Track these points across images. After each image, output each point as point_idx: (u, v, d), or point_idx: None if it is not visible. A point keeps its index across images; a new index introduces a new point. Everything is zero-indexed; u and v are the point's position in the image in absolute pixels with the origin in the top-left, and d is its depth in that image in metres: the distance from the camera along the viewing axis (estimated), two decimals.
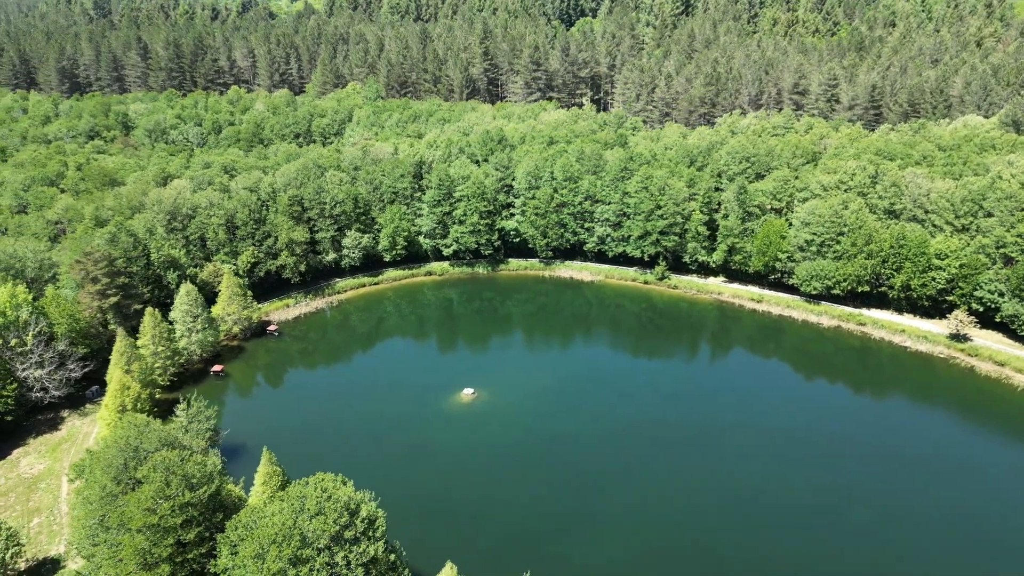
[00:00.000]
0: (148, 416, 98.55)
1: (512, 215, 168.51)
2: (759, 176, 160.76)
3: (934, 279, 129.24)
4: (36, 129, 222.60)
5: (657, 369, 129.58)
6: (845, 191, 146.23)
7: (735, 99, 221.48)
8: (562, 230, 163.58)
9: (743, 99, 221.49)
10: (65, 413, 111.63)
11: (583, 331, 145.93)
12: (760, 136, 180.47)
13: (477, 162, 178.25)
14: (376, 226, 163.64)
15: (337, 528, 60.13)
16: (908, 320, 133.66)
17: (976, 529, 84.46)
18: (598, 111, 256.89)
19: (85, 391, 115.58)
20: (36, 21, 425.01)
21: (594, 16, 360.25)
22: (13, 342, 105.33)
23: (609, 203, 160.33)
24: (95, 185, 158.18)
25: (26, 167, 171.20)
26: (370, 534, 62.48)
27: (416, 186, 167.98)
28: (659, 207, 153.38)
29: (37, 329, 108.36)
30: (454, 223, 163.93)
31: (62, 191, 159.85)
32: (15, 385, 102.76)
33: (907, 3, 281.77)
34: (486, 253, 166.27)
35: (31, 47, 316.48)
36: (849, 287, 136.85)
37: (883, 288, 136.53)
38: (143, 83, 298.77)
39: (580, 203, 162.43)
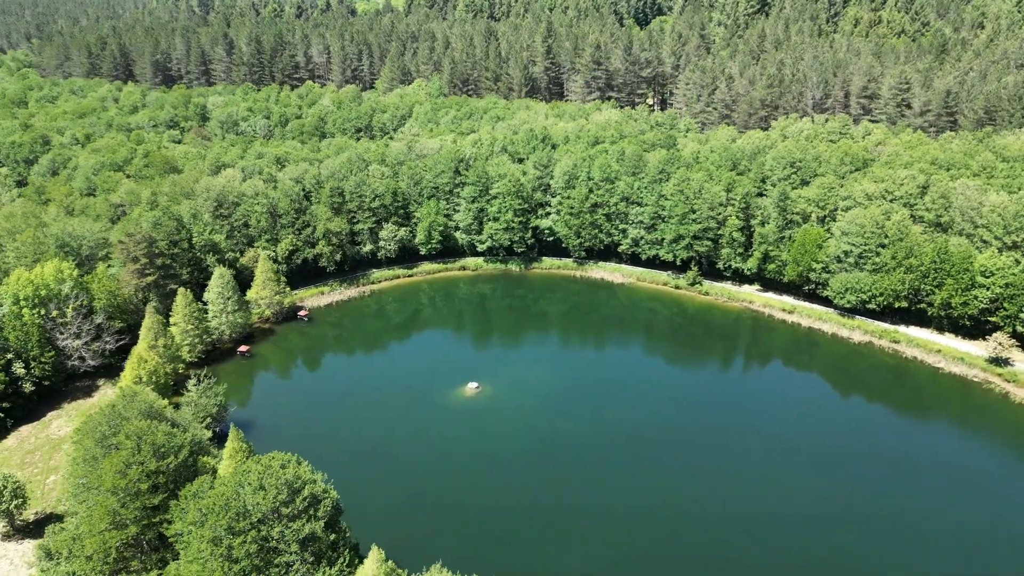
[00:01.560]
0: (166, 387, 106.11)
1: (548, 214, 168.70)
2: (804, 183, 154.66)
3: (976, 298, 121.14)
4: (122, 118, 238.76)
5: (673, 374, 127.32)
6: (891, 201, 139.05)
7: (798, 102, 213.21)
8: (596, 231, 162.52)
9: (807, 102, 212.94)
10: (100, 382, 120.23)
11: (604, 333, 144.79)
12: (811, 141, 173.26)
13: (521, 160, 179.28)
14: (414, 220, 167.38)
15: (276, 504, 62.89)
16: (946, 340, 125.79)
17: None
18: (663, 111, 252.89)
19: (121, 362, 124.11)
20: (144, 17, 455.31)
21: (670, 14, 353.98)
22: (54, 313, 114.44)
23: (645, 205, 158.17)
24: (157, 171, 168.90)
25: (101, 152, 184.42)
26: (311, 513, 64.95)
27: (456, 182, 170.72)
28: (693, 211, 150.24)
29: (78, 303, 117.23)
30: (489, 220, 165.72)
31: (128, 176, 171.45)
32: (52, 353, 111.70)
33: (1004, 3, 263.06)
34: (519, 251, 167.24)
35: (131, 41, 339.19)
36: (885, 302, 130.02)
37: (922, 305, 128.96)
38: (227, 77, 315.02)
39: (615, 204, 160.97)
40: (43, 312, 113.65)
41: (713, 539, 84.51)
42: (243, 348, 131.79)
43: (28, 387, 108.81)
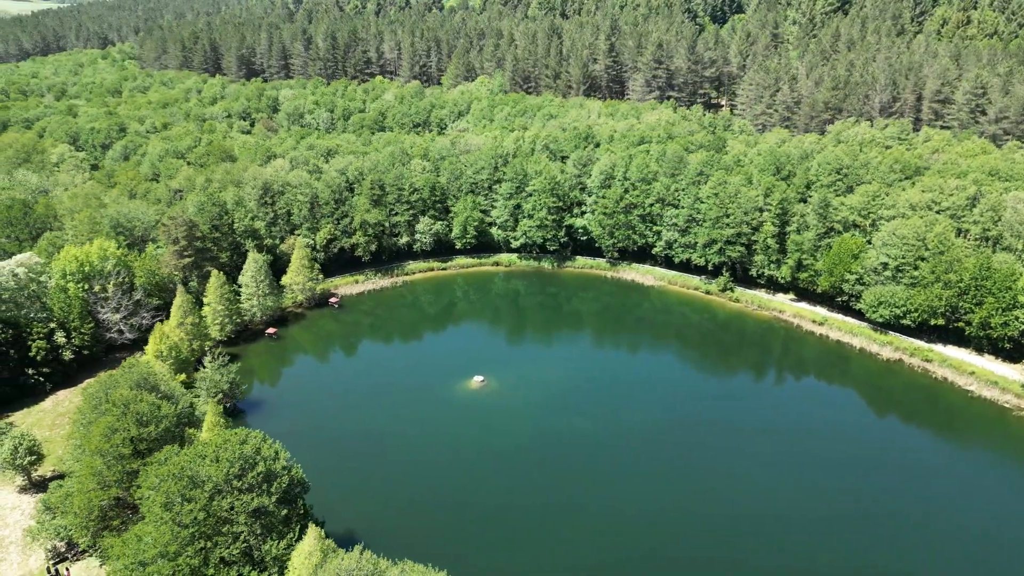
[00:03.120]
0: (187, 362, 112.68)
1: (583, 213, 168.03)
2: (849, 190, 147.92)
3: (1018, 318, 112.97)
4: (199, 109, 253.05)
5: (690, 379, 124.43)
6: (937, 212, 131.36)
7: (864, 105, 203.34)
8: (629, 231, 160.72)
9: (873, 105, 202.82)
10: (139, 354, 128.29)
11: (625, 334, 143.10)
12: (864, 147, 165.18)
13: (563, 158, 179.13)
14: (451, 214, 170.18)
15: (228, 476, 66.37)
16: (983, 362, 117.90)
17: None
18: (732, 112, 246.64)
19: None
20: (241, 14, 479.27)
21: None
22: (97, 288, 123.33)
23: (681, 207, 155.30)
24: (214, 159, 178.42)
25: (170, 140, 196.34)
26: (263, 488, 68.13)
27: (495, 178, 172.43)
28: (727, 215, 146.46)
29: (119, 279, 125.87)
30: (524, 216, 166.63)
31: (188, 163, 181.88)
32: (92, 324, 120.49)
33: None
34: (552, 249, 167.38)
35: (220, 37, 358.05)
36: (920, 318, 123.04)
37: (960, 323, 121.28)
38: (304, 71, 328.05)
39: (650, 205, 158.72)
40: (87, 287, 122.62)
41: (718, 542, 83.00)
42: (271, 330, 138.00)
43: (68, 355, 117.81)
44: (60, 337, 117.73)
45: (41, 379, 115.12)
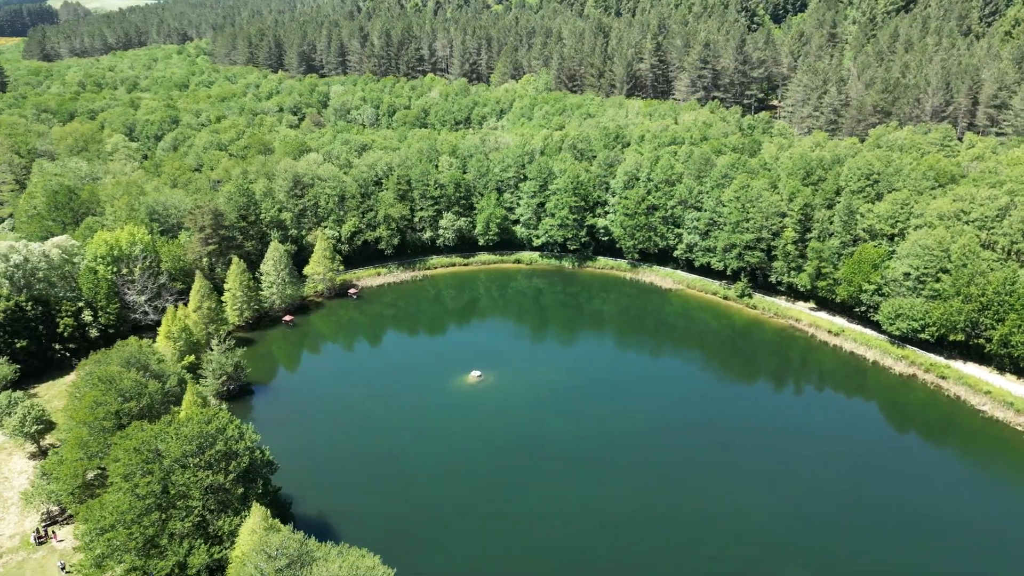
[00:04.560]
0: (197, 344, 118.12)
1: (606, 213, 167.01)
2: (879, 197, 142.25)
3: None
4: (253, 103, 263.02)
5: (690, 383, 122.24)
6: (965, 223, 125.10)
7: (914, 109, 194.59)
8: (651, 233, 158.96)
9: (924, 109, 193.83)
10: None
11: (635, 337, 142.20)
12: (902, 152, 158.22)
13: (591, 158, 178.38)
14: (474, 211, 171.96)
15: (185, 452, 69.80)
16: (1002, 381, 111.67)
17: None
18: (774, 114, 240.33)
19: None
20: (315, 12, 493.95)
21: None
22: (124, 271, 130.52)
23: (704, 210, 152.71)
24: (253, 152, 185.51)
25: (217, 133, 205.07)
26: (221, 466, 71.32)
27: (520, 176, 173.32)
28: (747, 219, 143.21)
29: (145, 263, 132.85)
30: (546, 215, 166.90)
31: (230, 155, 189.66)
32: (118, 305, 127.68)
33: None
34: (572, 248, 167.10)
35: (284, 34, 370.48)
36: (939, 332, 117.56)
37: (980, 340, 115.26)
38: (359, 68, 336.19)
39: (672, 207, 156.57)
40: (115, 269, 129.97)
41: (709, 545, 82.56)
42: (288, 318, 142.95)
43: (94, 333, 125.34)
44: (87, 315, 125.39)
45: (67, 354, 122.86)
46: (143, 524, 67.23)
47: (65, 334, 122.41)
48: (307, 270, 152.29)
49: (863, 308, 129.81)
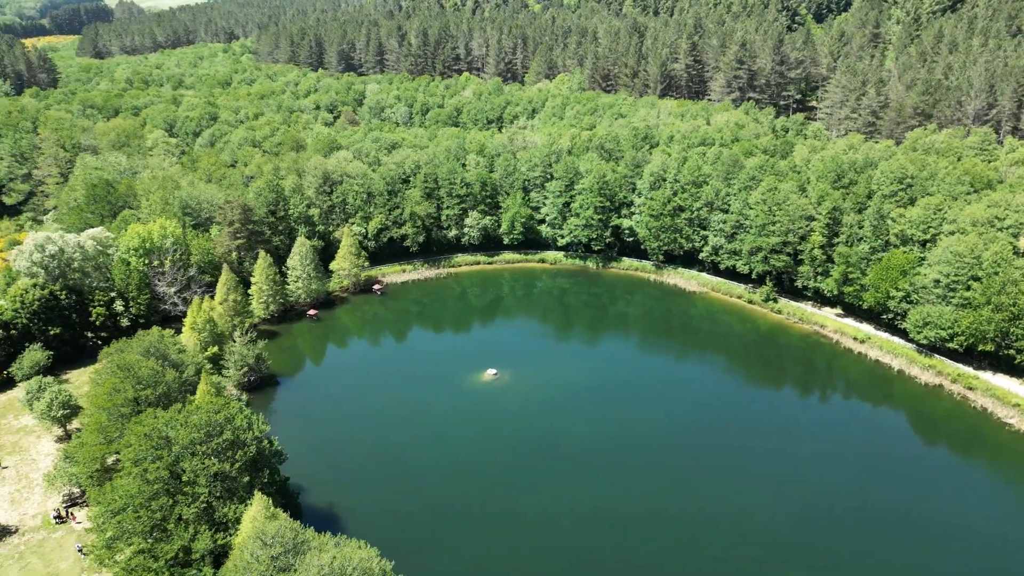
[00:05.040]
0: (220, 335, 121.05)
1: (632, 214, 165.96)
2: (912, 202, 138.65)
3: None
4: (291, 101, 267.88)
5: (706, 387, 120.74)
6: (999, 230, 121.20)
7: (955, 112, 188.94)
8: (676, 235, 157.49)
9: (966, 112, 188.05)
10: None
11: (654, 338, 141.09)
12: (938, 156, 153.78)
13: (618, 159, 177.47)
14: (500, 209, 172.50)
15: (192, 440, 71.77)
16: None
17: None
18: (811, 115, 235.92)
19: None
20: (357, 12, 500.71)
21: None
22: (155, 263, 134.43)
23: (730, 212, 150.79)
24: (285, 148, 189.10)
25: (253, 130, 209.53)
26: (228, 455, 73.15)
27: (546, 175, 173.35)
28: (773, 222, 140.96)
29: (176, 256, 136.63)
30: (571, 215, 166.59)
31: (264, 152, 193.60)
32: (148, 295, 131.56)
33: None
34: (597, 248, 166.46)
35: (324, 33, 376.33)
36: (967, 342, 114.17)
37: (1011, 350, 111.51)
38: (396, 67, 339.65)
39: (699, 209, 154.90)
40: (147, 261, 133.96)
41: (725, 549, 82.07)
42: (312, 312, 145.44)
43: (125, 322, 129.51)
44: (119, 305, 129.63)
45: (99, 342, 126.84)
46: (151, 508, 69.35)
47: (97, 323, 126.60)
48: (333, 265, 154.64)
49: (890, 315, 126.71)
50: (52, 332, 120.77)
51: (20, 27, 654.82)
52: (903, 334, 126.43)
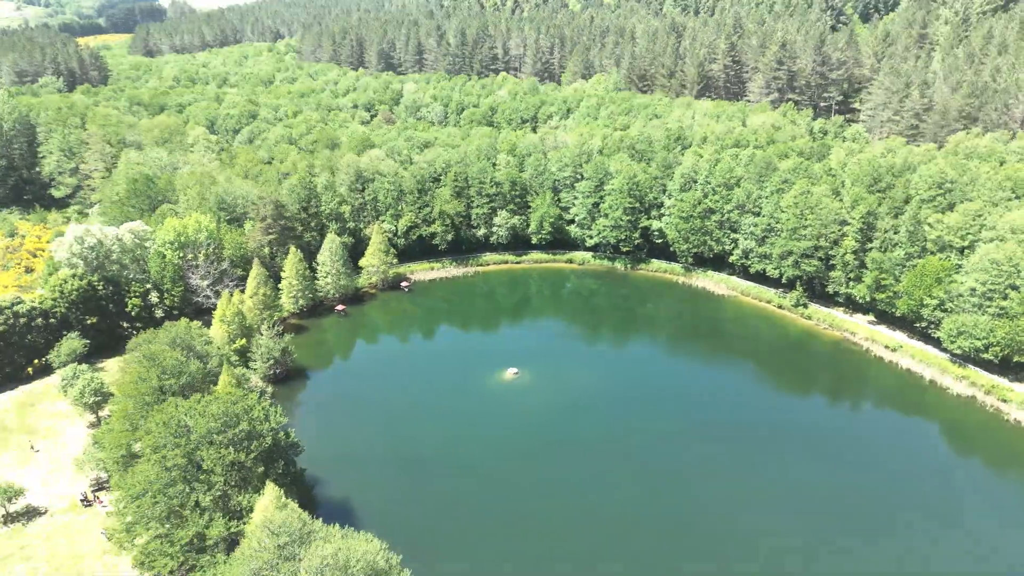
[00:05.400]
0: (249, 328, 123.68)
1: (661, 215, 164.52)
2: (951, 207, 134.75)
3: None
4: (330, 99, 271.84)
5: (725, 391, 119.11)
6: None
7: (1002, 115, 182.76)
8: (706, 237, 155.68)
9: (1013, 116, 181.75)
10: None
11: (679, 341, 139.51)
12: (980, 160, 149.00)
13: (649, 159, 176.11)
14: (529, 209, 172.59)
15: (210, 430, 73.61)
16: None
17: None
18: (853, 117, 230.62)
19: None
20: (400, 12, 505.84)
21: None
22: (189, 256, 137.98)
23: (760, 215, 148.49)
24: (320, 146, 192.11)
25: (290, 128, 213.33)
26: (243, 445, 74.84)
27: (576, 175, 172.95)
28: (804, 226, 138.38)
29: (209, 250, 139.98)
30: (600, 216, 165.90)
31: (299, 149, 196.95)
32: (182, 288, 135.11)
33: None
34: (625, 250, 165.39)
35: (365, 32, 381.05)
36: (1004, 353, 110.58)
37: None
38: (435, 66, 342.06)
39: (729, 212, 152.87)
40: (182, 254, 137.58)
41: (728, 550, 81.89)
42: (340, 307, 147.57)
43: (159, 313, 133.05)
44: (154, 297, 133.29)
45: (134, 332, 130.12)
46: (168, 494, 71.38)
47: (133, 313, 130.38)
48: (362, 262, 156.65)
49: (924, 324, 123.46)
50: (89, 321, 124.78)
51: (78, 26, 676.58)
52: (936, 343, 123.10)
